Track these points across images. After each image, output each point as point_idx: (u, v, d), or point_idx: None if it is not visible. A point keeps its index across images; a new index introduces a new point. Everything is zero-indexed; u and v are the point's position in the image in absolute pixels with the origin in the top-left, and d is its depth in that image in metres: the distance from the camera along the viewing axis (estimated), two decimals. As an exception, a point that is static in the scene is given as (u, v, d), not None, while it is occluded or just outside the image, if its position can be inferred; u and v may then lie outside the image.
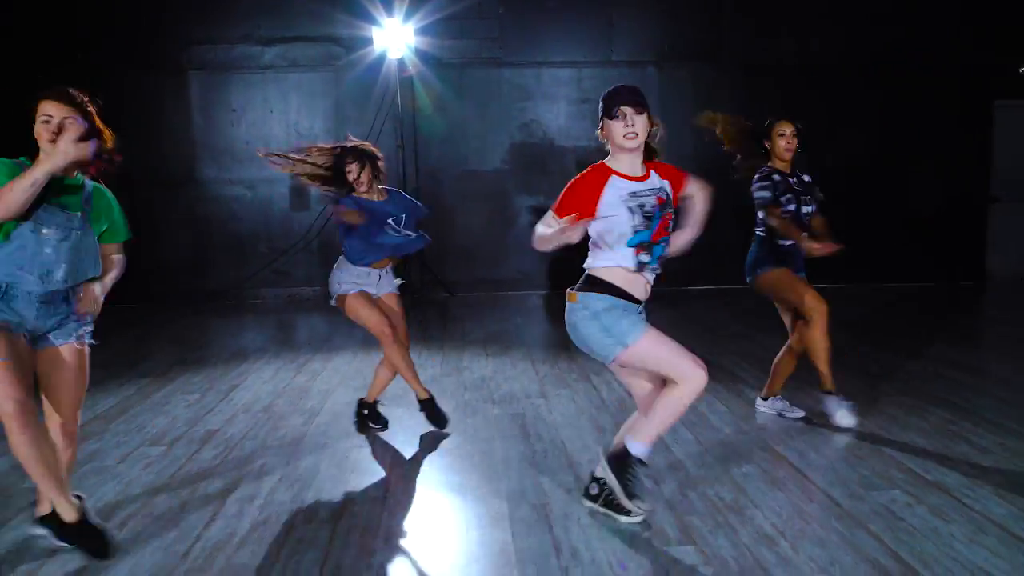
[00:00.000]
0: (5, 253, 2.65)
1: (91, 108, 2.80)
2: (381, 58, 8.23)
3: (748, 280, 4.27)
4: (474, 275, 8.86)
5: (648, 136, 2.86)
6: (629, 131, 2.78)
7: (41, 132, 2.68)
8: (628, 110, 2.78)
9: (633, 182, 2.83)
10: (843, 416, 4.05)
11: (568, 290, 2.92)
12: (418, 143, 8.48)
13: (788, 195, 4.09)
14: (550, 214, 2.80)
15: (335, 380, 5.26)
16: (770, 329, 4.70)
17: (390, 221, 4.01)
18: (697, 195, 3.05)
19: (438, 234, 8.82)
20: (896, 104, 8.93)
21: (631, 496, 2.91)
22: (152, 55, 8.40)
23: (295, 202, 8.72)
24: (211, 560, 2.77)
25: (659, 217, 2.80)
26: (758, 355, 5.49)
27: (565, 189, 2.81)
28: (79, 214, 2.77)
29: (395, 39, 7.97)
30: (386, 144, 8.53)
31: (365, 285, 4.05)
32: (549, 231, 2.70)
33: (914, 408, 4.40)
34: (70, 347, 2.81)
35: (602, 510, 2.98)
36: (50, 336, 2.78)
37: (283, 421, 4.40)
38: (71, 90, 2.79)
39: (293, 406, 4.66)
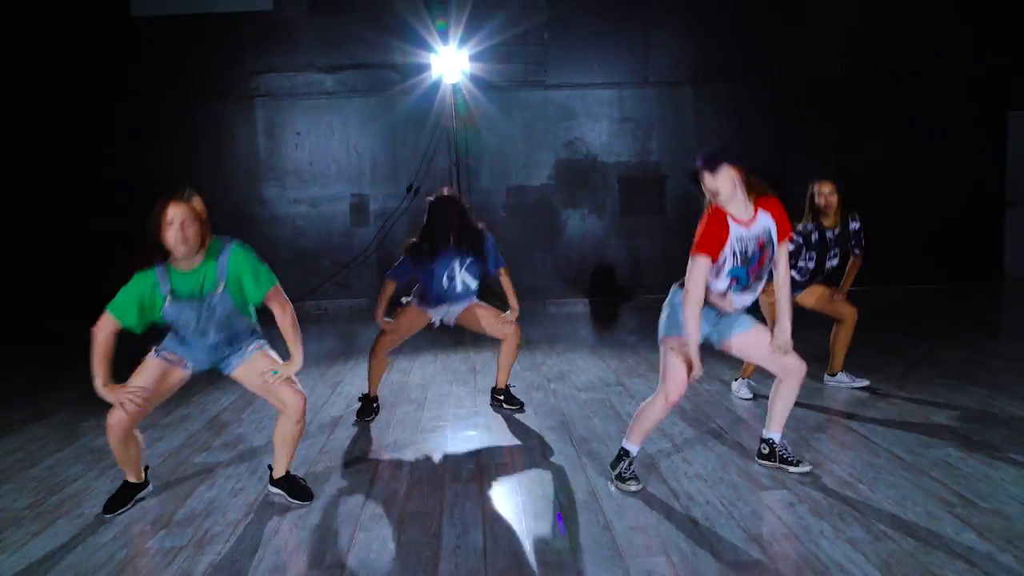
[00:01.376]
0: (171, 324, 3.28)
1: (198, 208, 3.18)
2: (436, 83, 8.87)
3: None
4: (523, 285, 9.42)
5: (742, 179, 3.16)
6: (716, 189, 3.13)
7: (167, 235, 3.07)
8: (705, 174, 3.14)
9: (738, 224, 3.18)
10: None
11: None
12: (470, 161, 9.09)
13: (811, 252, 4.80)
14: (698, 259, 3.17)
15: (427, 375, 5.84)
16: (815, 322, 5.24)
17: (454, 264, 4.45)
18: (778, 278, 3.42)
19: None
20: (916, 114, 9.51)
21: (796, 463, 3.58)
22: (221, 84, 9.06)
23: (355, 219, 9.34)
24: (388, 507, 3.34)
25: (756, 259, 3.22)
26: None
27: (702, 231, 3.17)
28: (212, 292, 3.20)
29: (451, 65, 8.62)
30: (441, 163, 9.19)
31: (433, 311, 4.61)
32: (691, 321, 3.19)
33: (956, 387, 4.94)
34: (249, 362, 3.39)
35: (776, 464, 3.60)
36: (226, 366, 3.41)
37: (396, 408, 4.98)
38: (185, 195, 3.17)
39: (400, 396, 5.24)
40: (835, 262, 4.92)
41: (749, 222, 3.21)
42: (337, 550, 2.94)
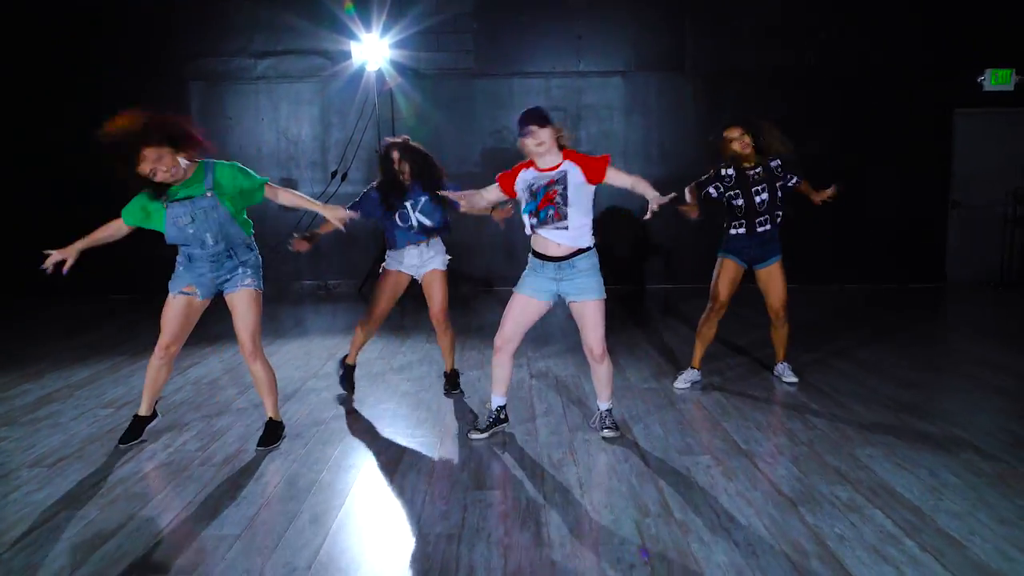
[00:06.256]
0: (175, 239, 3.73)
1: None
2: (361, 70, 8.91)
3: None
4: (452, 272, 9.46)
5: (560, 138, 3.75)
6: (537, 143, 3.69)
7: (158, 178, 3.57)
8: (534, 127, 3.65)
9: (536, 171, 3.78)
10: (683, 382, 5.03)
11: None
12: (397, 148, 9.10)
13: (735, 190, 4.80)
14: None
15: (281, 361, 5.93)
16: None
17: (406, 205, 4.60)
18: (629, 181, 3.74)
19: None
20: (858, 111, 9.28)
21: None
22: (157, 66, 9.21)
23: (285, 202, 9.44)
24: (112, 489, 3.45)
25: (543, 193, 3.72)
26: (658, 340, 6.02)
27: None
28: (204, 195, 3.66)
29: (373, 53, 8.64)
30: (368, 151, 9.25)
31: (399, 261, 4.72)
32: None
33: (780, 392, 4.89)
34: (237, 294, 3.85)
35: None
36: (225, 288, 3.86)
37: (221, 392, 5.08)
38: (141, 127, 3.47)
39: (235, 380, 5.34)
40: (764, 197, 4.76)
41: (549, 170, 3.74)
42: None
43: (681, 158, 9.02)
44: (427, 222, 4.65)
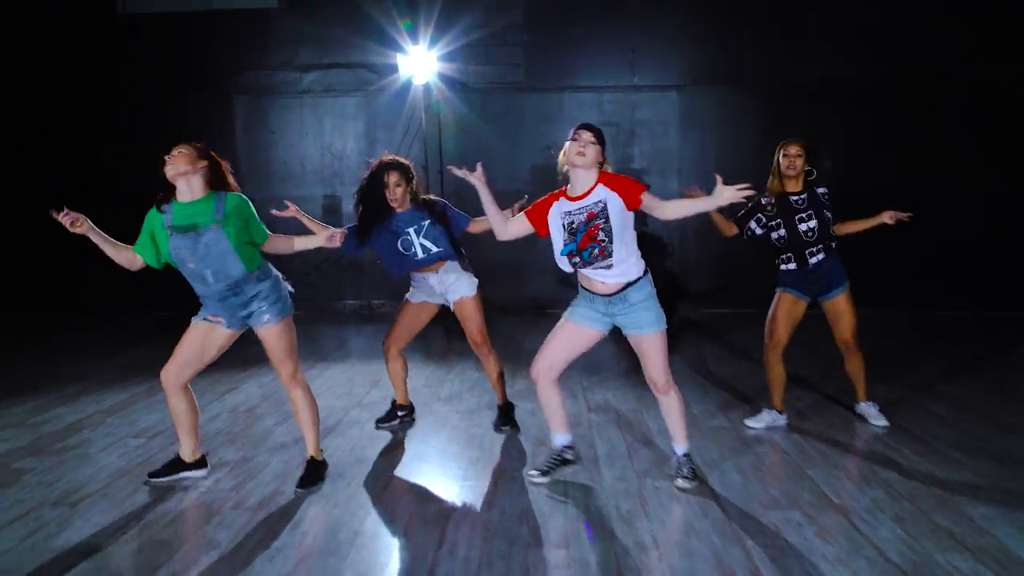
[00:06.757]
0: (178, 267, 3.51)
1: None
2: (408, 84, 8.65)
3: None
4: (497, 295, 9.10)
5: (602, 163, 3.48)
6: (580, 150, 3.37)
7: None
8: (585, 134, 3.41)
9: (570, 201, 3.42)
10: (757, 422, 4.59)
11: None
12: (444, 165, 8.82)
13: (776, 220, 4.42)
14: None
15: (323, 388, 5.62)
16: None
17: (408, 232, 4.24)
18: (670, 210, 3.42)
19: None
20: (929, 126, 8.74)
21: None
22: (202, 80, 9.08)
23: (327, 220, 9.20)
24: (137, 535, 3.14)
25: (584, 230, 3.36)
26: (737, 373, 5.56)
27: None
28: (210, 226, 3.40)
29: (420, 66, 8.38)
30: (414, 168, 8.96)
31: (424, 291, 4.45)
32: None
33: (865, 434, 4.42)
34: (262, 331, 3.62)
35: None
36: (250, 322, 3.62)
37: (259, 421, 4.78)
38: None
39: (275, 409, 5.04)
40: (812, 224, 4.34)
41: (582, 197, 3.39)
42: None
43: (739, 177, 8.42)
44: (433, 248, 4.26)
